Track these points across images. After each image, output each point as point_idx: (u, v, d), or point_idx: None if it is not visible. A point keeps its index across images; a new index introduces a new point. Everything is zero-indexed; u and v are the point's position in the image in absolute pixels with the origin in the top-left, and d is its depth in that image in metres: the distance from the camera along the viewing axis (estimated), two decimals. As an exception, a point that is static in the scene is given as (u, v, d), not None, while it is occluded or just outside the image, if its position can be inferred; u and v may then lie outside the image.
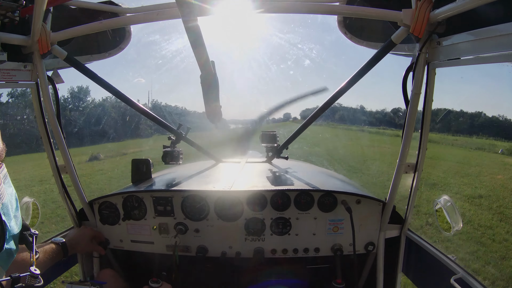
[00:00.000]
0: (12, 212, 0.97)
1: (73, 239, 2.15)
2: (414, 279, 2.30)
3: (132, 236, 2.34)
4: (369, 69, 1.99)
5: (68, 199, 2.30)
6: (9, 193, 0.97)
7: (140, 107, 2.39)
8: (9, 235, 0.94)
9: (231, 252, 2.28)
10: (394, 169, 2.02)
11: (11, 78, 1.91)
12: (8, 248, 0.94)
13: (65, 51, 2.03)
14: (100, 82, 2.17)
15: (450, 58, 1.64)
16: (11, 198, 0.98)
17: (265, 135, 2.74)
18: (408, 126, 1.89)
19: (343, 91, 2.14)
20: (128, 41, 2.39)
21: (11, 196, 0.98)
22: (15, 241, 1.01)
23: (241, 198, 2.21)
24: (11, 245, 0.97)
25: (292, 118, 16.95)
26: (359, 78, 2.04)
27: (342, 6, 2.03)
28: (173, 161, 2.66)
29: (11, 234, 0.96)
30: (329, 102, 2.24)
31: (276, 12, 1.87)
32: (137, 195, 2.28)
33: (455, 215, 1.99)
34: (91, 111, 24.20)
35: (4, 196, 0.93)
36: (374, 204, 2.20)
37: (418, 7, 1.59)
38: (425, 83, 1.79)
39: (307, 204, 2.20)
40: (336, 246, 2.23)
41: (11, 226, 0.96)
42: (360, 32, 2.24)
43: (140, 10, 2.19)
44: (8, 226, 0.93)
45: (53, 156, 2.19)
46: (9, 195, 0.97)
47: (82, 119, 21.24)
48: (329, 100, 2.23)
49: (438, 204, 2.08)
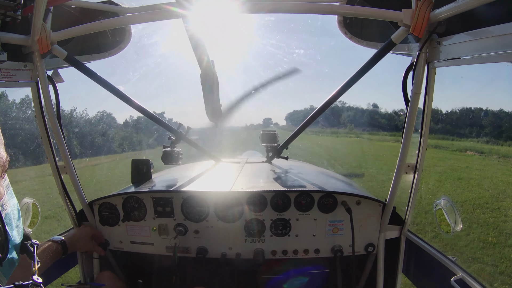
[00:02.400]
0: (14, 222, 0.99)
1: (73, 237, 2.14)
2: (414, 280, 2.29)
3: (132, 237, 2.34)
4: (369, 69, 1.99)
5: (68, 199, 2.30)
6: (12, 204, 0.99)
7: (140, 106, 2.39)
8: (11, 244, 0.95)
9: (231, 253, 2.27)
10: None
11: (11, 78, 1.91)
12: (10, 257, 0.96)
13: (65, 50, 2.03)
14: (100, 81, 2.17)
15: (450, 58, 1.64)
16: (13, 208, 1.00)
17: (265, 135, 2.74)
18: (408, 126, 1.88)
19: (343, 91, 2.14)
20: (128, 40, 2.40)
21: (13, 207, 1.00)
22: (17, 250, 1.02)
23: (241, 199, 2.20)
24: (13, 254, 0.98)
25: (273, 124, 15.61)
26: (359, 78, 2.04)
27: (342, 6, 2.03)
28: (173, 161, 2.65)
29: (13, 244, 0.98)
30: (329, 102, 2.24)
31: (276, 12, 1.87)
32: (137, 196, 2.28)
33: (454, 216, 1.99)
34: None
35: (7, 206, 0.94)
36: (374, 205, 2.19)
37: (418, 7, 1.60)
38: (425, 83, 1.79)
39: (307, 205, 2.19)
40: (336, 247, 2.22)
41: (13, 236, 0.97)
42: (360, 32, 2.24)
43: (140, 10, 2.20)
44: (10, 236, 0.94)
45: (53, 156, 2.18)
46: (12, 205, 0.99)
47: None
48: (329, 100, 2.23)
49: (438, 205, 2.08)
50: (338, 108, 27.18)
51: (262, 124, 12.35)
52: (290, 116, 10.83)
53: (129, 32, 2.37)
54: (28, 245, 1.14)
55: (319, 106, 2.30)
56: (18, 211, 1.03)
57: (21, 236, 1.04)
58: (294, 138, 2.61)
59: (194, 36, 1.60)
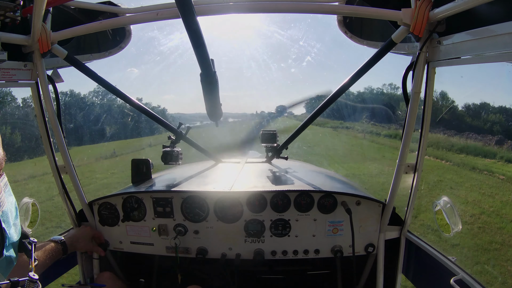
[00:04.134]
0: (11, 220, 0.99)
1: (73, 237, 2.14)
2: (414, 281, 2.29)
3: (132, 237, 2.34)
4: (369, 68, 1.99)
5: (68, 199, 2.30)
6: (9, 202, 0.99)
7: (140, 105, 2.39)
8: (8, 242, 0.96)
9: (231, 253, 2.26)
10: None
11: (11, 77, 1.91)
12: (8, 255, 0.96)
13: (65, 50, 2.03)
14: (100, 81, 2.18)
15: (450, 57, 1.63)
16: (11, 206, 1.00)
17: (265, 135, 2.73)
18: (408, 126, 1.88)
19: (343, 90, 2.14)
20: (128, 40, 2.40)
21: (11, 205, 1.00)
22: (15, 248, 1.02)
23: (240, 199, 2.20)
24: (11, 252, 0.98)
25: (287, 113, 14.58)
26: (359, 77, 2.04)
27: (342, 5, 2.03)
28: (173, 161, 2.65)
29: (11, 241, 0.98)
30: (329, 101, 2.24)
31: (276, 12, 1.87)
32: (137, 195, 2.27)
33: (454, 216, 1.99)
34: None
35: (4, 204, 0.95)
36: (374, 206, 2.19)
37: (418, 6, 1.59)
38: (425, 82, 1.78)
39: (307, 206, 2.19)
40: (336, 248, 2.22)
41: (11, 233, 0.97)
42: (360, 31, 2.24)
43: (140, 10, 2.20)
44: (7, 234, 0.95)
45: (53, 156, 2.19)
46: (9, 203, 0.99)
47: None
48: (329, 99, 2.23)
49: (438, 206, 2.07)
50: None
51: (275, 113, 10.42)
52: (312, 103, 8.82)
53: (129, 32, 2.37)
54: (26, 243, 1.14)
55: (319, 106, 2.30)
56: (16, 210, 1.03)
57: (19, 234, 1.04)
58: (294, 138, 2.60)
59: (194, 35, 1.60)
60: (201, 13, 1.75)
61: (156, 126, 17.88)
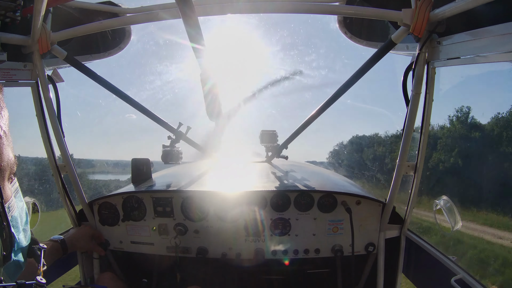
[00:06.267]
0: (21, 225, 0.99)
1: (73, 236, 2.14)
2: (414, 280, 2.29)
3: (132, 237, 2.34)
4: (369, 69, 1.99)
5: (68, 199, 2.30)
6: (20, 207, 0.99)
7: (140, 105, 2.39)
8: (17, 247, 0.96)
9: (231, 253, 2.27)
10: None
11: (11, 78, 1.92)
12: (16, 260, 0.96)
13: (65, 50, 2.03)
14: (100, 81, 2.18)
15: (450, 57, 1.64)
16: (21, 211, 1.00)
17: (265, 135, 2.73)
18: (408, 126, 1.88)
19: (343, 91, 2.14)
20: (128, 40, 2.40)
21: (21, 210, 1.00)
22: (23, 254, 1.02)
23: (240, 198, 2.20)
24: (19, 257, 0.99)
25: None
26: (359, 78, 2.05)
27: (342, 6, 2.03)
28: (173, 160, 2.65)
29: (20, 246, 0.98)
30: (329, 102, 2.24)
31: (276, 12, 1.87)
32: (137, 195, 2.27)
33: (454, 215, 1.99)
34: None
35: (14, 209, 0.95)
36: (374, 205, 2.19)
37: (418, 6, 1.60)
38: (425, 83, 1.79)
39: (307, 205, 2.19)
40: (336, 247, 2.22)
41: (20, 238, 0.98)
42: (360, 31, 2.24)
43: (140, 10, 2.20)
44: (16, 239, 0.95)
45: (53, 156, 2.18)
46: (19, 208, 0.99)
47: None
48: (329, 100, 2.23)
49: (438, 205, 2.08)
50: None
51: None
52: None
53: (128, 32, 2.37)
54: (36, 249, 1.14)
55: (319, 106, 2.30)
56: (26, 215, 1.04)
57: (28, 239, 1.05)
58: (293, 138, 2.61)
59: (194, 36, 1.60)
60: (201, 13, 1.75)
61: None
